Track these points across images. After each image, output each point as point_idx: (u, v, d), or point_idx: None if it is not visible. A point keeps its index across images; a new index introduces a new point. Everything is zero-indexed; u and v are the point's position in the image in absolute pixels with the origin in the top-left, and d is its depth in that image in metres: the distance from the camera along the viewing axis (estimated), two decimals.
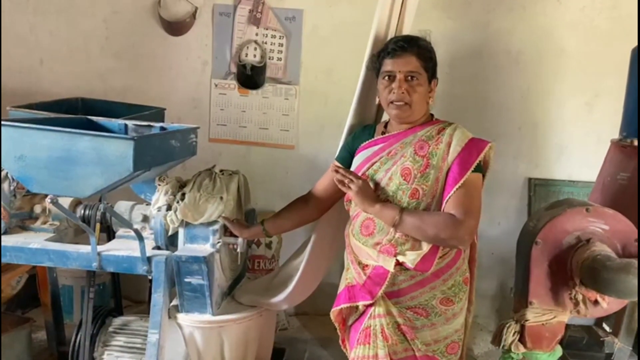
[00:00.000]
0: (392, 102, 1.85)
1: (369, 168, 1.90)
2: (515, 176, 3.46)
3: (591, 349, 2.75)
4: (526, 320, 2.13)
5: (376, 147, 1.92)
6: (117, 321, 2.45)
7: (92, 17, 3.53)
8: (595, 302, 2.08)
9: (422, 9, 2.60)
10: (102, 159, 1.81)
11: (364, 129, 2.07)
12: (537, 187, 3.41)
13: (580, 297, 2.07)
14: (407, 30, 2.16)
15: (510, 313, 2.26)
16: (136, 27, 3.52)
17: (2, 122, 1.85)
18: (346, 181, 1.82)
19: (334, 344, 2.25)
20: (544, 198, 3.37)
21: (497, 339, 2.24)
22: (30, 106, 2.50)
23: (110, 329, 2.41)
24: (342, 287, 1.96)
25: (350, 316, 1.94)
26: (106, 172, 1.82)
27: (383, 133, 1.97)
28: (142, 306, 3.39)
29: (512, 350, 2.18)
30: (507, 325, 2.18)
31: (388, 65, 1.87)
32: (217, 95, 3.53)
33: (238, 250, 2.20)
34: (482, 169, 1.84)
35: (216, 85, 3.52)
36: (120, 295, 2.68)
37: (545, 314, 2.13)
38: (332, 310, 1.95)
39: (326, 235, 2.27)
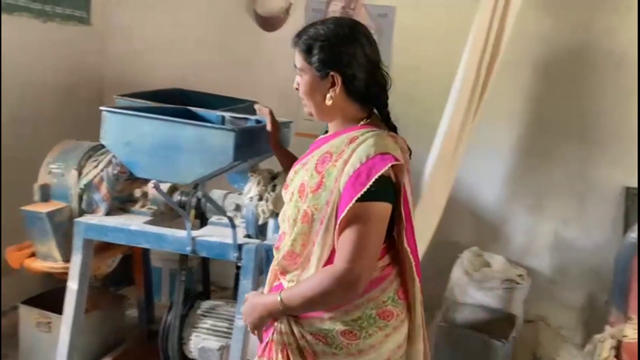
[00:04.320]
0: None
1: (290, 177, 1.63)
2: (611, 185, 3.29)
3: None
4: (624, 336, 2.04)
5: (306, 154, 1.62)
6: (205, 304, 2.55)
7: (191, 11, 3.68)
8: None
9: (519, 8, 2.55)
10: (204, 148, 1.89)
11: None
12: (636, 197, 3.23)
13: None
14: (507, 34, 2.10)
15: (603, 327, 2.17)
16: (231, 22, 3.63)
17: (113, 110, 1.97)
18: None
19: None
20: None
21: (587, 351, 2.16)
22: (134, 95, 2.64)
23: (199, 311, 2.51)
24: None
25: None
26: (207, 161, 1.90)
27: None
28: (226, 292, 3.49)
29: None
30: (603, 339, 2.09)
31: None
32: None
33: None
34: (390, 194, 1.45)
35: None
36: (208, 280, 2.78)
37: None
38: None
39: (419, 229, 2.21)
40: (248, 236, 2.32)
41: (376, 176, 1.38)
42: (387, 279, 1.53)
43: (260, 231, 2.31)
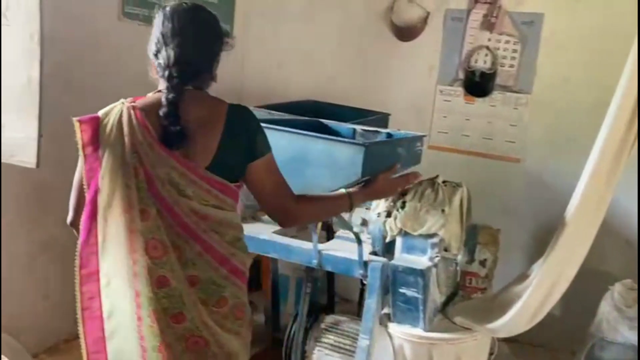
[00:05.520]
0: None
1: None
2: None
3: None
4: None
5: None
6: (329, 319, 2.52)
7: (327, 23, 3.71)
8: None
9: None
10: (332, 162, 1.86)
11: None
12: None
13: None
14: None
15: None
16: (367, 33, 3.60)
17: None
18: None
19: None
20: None
21: None
22: (269, 107, 2.69)
23: (323, 325, 2.49)
24: None
25: None
26: (335, 175, 1.86)
27: None
28: (349, 304, 3.45)
29: None
30: None
31: None
32: (441, 102, 3.45)
33: (458, 268, 2.09)
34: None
35: (441, 92, 3.44)
36: (334, 293, 2.76)
37: None
38: None
39: (562, 262, 2.03)
40: (374, 253, 2.25)
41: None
42: None
43: (387, 249, 2.24)
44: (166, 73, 1.44)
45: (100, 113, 1.44)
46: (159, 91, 1.48)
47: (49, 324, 2.84)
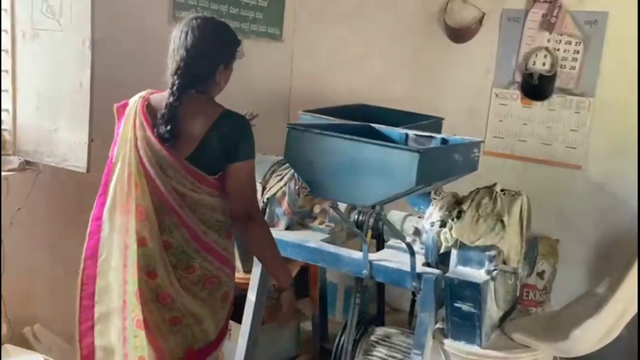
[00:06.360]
0: None
1: None
2: None
3: None
4: None
5: None
6: (379, 331, 2.43)
7: (376, 25, 3.62)
8: None
9: None
10: (385, 170, 1.77)
11: None
12: None
13: None
14: None
15: None
16: (418, 35, 3.50)
17: (297, 127, 1.95)
18: None
19: None
20: None
21: None
22: (318, 111, 2.63)
23: (372, 337, 2.41)
24: None
25: None
26: (388, 184, 1.78)
27: None
28: (399, 314, 3.35)
29: None
30: None
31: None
32: (496, 106, 3.31)
33: (517, 283, 1.97)
34: None
35: (497, 95, 3.30)
36: (383, 304, 2.67)
37: None
38: None
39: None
40: (427, 264, 2.15)
41: None
42: None
43: (441, 260, 2.13)
44: (170, 80, 1.73)
45: (130, 100, 1.78)
46: None
47: None
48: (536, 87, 3.16)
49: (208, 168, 1.71)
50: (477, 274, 1.98)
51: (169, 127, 1.67)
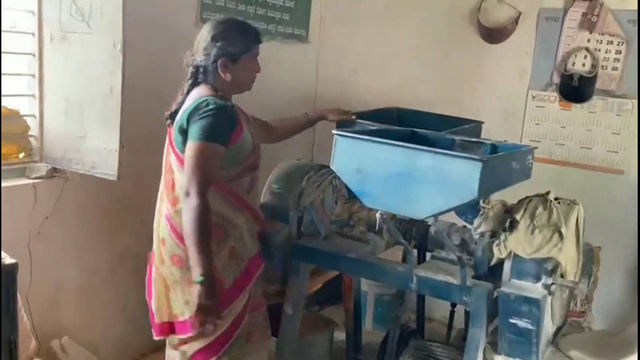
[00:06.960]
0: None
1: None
2: None
3: None
4: None
5: None
6: (421, 345, 2.33)
7: (405, 26, 3.52)
8: None
9: None
10: (443, 179, 1.67)
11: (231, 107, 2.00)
12: None
13: None
14: None
15: None
16: (450, 35, 3.39)
17: (346, 134, 1.85)
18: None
19: None
20: None
21: None
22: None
23: (414, 352, 2.30)
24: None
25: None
26: (446, 195, 1.67)
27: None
28: (431, 323, 3.24)
29: None
30: None
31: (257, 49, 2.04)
32: (533, 108, 3.20)
33: (578, 296, 1.87)
34: None
35: (534, 97, 3.19)
36: (424, 316, 2.57)
37: None
38: None
39: None
40: (476, 277, 2.05)
41: None
42: None
43: (490, 272, 2.03)
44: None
45: None
46: None
47: (126, 337, 2.77)
48: (576, 89, 3.05)
49: (183, 147, 1.91)
50: (535, 289, 1.88)
51: (168, 114, 2.02)
